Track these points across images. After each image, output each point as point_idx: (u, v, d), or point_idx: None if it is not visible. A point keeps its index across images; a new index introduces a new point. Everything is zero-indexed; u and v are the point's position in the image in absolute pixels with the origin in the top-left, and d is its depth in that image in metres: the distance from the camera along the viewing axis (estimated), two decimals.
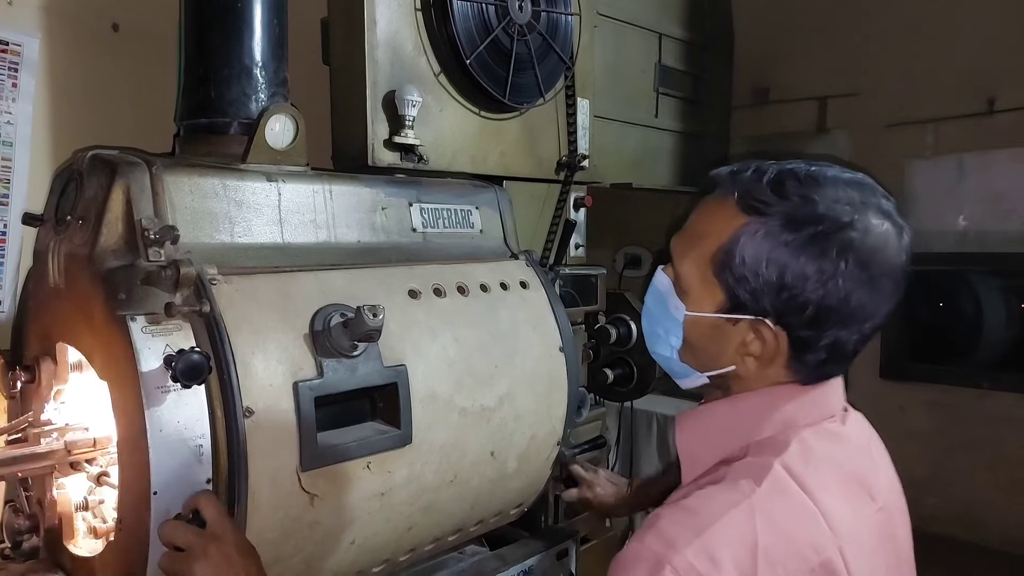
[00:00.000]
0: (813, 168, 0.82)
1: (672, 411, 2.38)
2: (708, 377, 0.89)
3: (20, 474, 1.15)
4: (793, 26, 2.61)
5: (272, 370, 1.07)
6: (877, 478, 0.88)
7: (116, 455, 1.11)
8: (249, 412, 1.03)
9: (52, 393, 1.23)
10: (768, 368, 0.84)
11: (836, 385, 0.89)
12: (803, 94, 2.59)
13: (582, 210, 1.95)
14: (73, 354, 1.21)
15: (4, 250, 1.77)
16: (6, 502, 1.26)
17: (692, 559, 0.71)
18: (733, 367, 0.85)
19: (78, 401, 1.25)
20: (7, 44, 1.73)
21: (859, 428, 0.91)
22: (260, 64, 1.28)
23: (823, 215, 0.78)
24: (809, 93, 2.58)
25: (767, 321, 0.81)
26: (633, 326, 1.82)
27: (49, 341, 1.22)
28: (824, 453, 0.82)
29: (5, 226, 1.77)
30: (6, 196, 1.77)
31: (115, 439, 1.14)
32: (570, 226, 1.78)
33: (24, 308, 1.30)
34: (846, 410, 0.91)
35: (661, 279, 0.90)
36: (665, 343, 0.90)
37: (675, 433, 0.90)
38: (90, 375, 1.15)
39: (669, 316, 0.88)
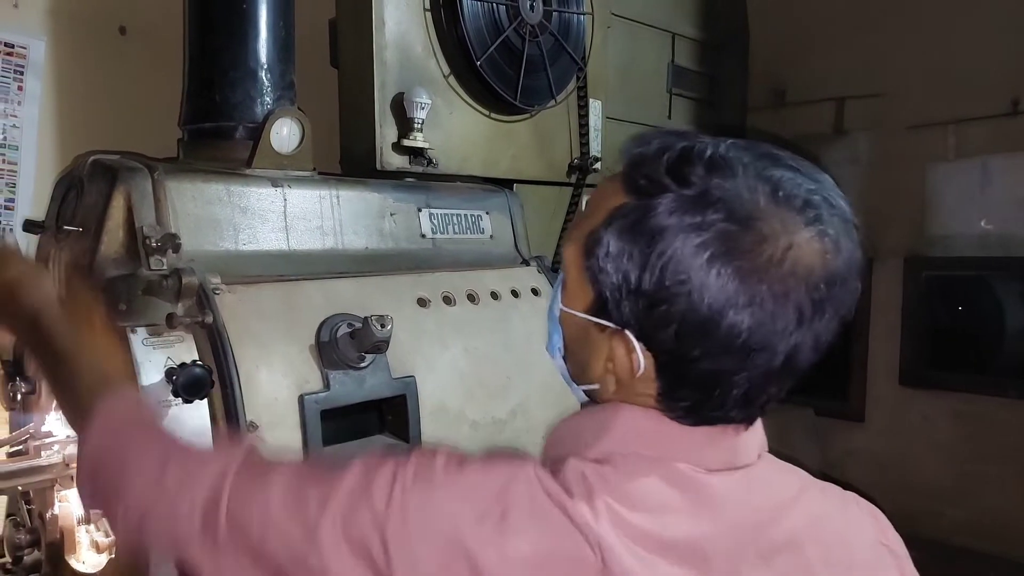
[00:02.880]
0: (731, 153, 0.63)
1: None
2: (583, 390, 0.72)
3: (21, 487, 1.13)
4: (810, 25, 2.55)
5: (277, 383, 1.04)
6: (744, 557, 0.64)
7: None
8: (253, 427, 1.00)
9: (53, 404, 1.20)
10: (627, 394, 0.66)
11: (737, 437, 0.67)
12: (821, 95, 2.53)
13: None
14: None
15: None
16: (7, 516, 1.23)
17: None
18: (598, 385, 0.68)
19: None
20: (12, 47, 1.72)
21: (756, 490, 0.67)
22: (266, 67, 1.25)
23: (712, 204, 0.60)
24: (827, 94, 2.52)
25: (627, 333, 0.63)
26: None
27: None
28: (652, 492, 0.62)
29: (11, 230, 1.75)
30: (12, 200, 1.75)
31: None
32: None
33: None
34: (747, 467, 0.68)
35: (564, 266, 0.73)
36: (552, 343, 0.74)
37: (548, 437, 0.73)
38: None
39: (552, 311, 0.72)
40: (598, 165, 1.87)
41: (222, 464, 0.69)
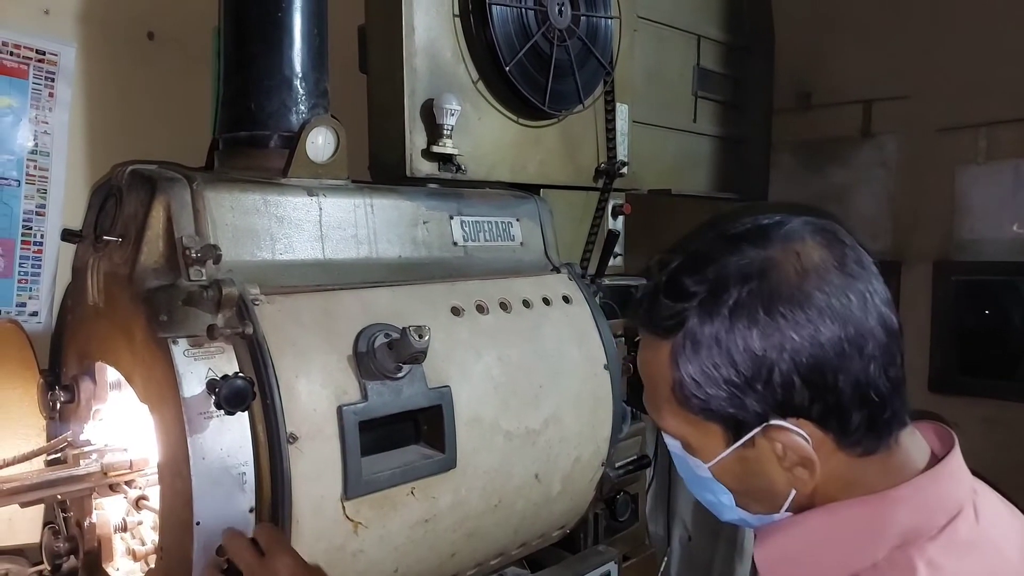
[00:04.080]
0: (699, 246, 0.70)
1: None
2: (787, 512, 0.73)
3: (59, 496, 1.13)
4: (837, 27, 2.52)
5: (316, 394, 1.04)
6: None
7: (154, 477, 1.09)
8: (293, 438, 1.00)
9: (91, 413, 1.21)
10: (824, 466, 0.68)
11: (952, 466, 0.71)
12: (848, 97, 2.49)
13: (620, 218, 1.90)
14: (112, 373, 1.19)
15: (41, 260, 1.77)
16: (45, 524, 1.24)
17: None
18: (793, 489, 0.70)
19: (116, 420, 1.23)
20: (44, 54, 1.73)
21: (996, 517, 0.72)
22: (300, 75, 1.25)
23: (725, 288, 0.66)
24: (854, 96, 2.48)
25: (773, 422, 0.67)
26: None
27: (88, 360, 1.20)
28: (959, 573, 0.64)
29: (42, 236, 1.77)
30: (43, 206, 1.77)
31: (152, 461, 1.12)
32: (613, 237, 1.73)
33: (62, 326, 1.28)
34: (975, 492, 0.72)
35: (671, 444, 0.77)
36: (723, 506, 0.76)
37: (757, 553, 0.73)
38: (129, 393, 1.13)
39: (700, 479, 0.75)
40: (625, 169, 1.86)
41: None
